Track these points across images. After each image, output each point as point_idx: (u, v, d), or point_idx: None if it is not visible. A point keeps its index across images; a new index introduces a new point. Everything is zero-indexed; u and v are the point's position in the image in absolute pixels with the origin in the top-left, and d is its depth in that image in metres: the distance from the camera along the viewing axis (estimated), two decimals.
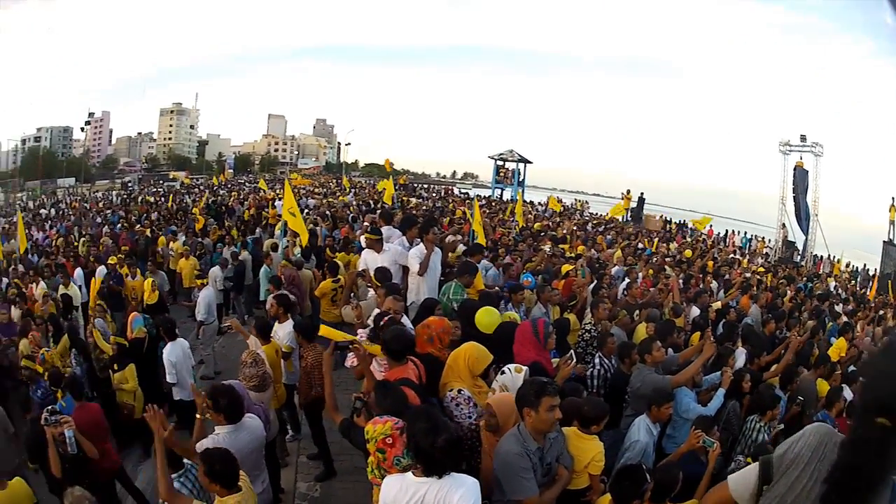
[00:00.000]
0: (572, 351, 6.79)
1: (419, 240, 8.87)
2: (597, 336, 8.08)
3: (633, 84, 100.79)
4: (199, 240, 17.43)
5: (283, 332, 7.87)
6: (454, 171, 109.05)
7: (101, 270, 13.69)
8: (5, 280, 14.57)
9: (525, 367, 5.17)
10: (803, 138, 31.64)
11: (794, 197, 32.20)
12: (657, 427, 5.86)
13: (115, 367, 8.47)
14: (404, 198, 28.02)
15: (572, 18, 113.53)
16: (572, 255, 14.53)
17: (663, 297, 11.22)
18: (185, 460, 4.96)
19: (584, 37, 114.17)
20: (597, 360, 7.22)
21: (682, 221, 35.79)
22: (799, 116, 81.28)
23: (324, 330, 6.23)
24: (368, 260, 8.92)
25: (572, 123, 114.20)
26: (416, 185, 49.70)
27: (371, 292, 8.57)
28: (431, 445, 3.42)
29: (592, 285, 10.76)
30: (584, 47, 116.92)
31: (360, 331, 6.51)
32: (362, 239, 10.41)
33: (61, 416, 5.82)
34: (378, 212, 15.01)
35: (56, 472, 5.68)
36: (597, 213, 36.36)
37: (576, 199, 44.61)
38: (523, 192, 39.00)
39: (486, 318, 6.48)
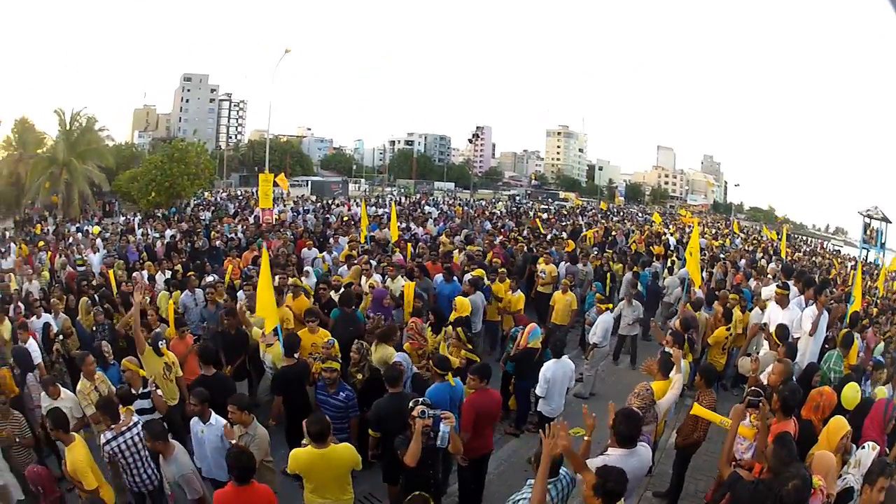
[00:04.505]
0: None
1: (812, 300, 9.04)
2: None
3: None
4: (574, 265, 16.36)
5: None
6: (827, 224, 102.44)
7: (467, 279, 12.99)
8: (373, 262, 14.51)
9: (878, 446, 5.56)
10: None
11: None
12: None
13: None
14: (788, 249, 27.49)
15: None
16: None
17: None
18: (562, 470, 5.09)
19: None
20: None
21: None
22: None
23: (697, 409, 6.51)
24: (772, 314, 9.08)
25: None
26: (795, 235, 47.79)
27: (766, 346, 8.72)
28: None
29: None
30: None
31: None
32: (764, 290, 10.82)
33: (441, 413, 5.85)
34: (780, 266, 15.09)
35: (411, 463, 5.71)
36: None
37: None
38: (884, 254, 36.85)
39: (851, 393, 6.77)
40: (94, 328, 11.17)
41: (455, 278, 13.00)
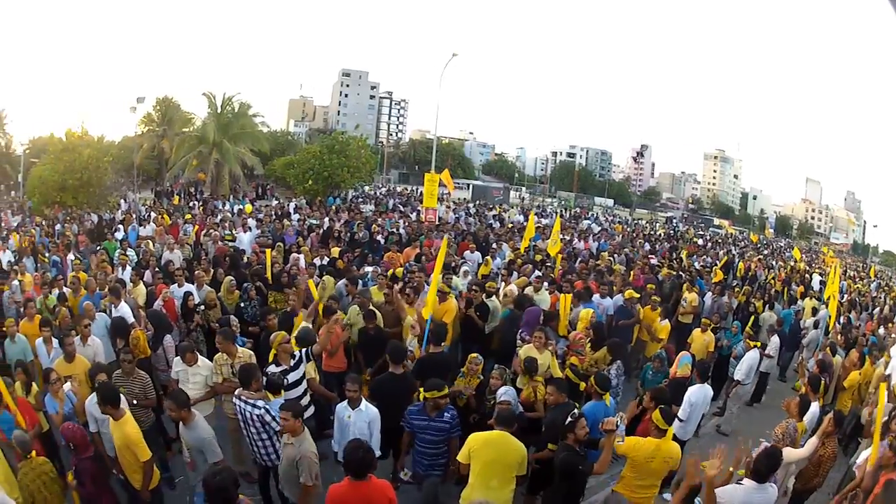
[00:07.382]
0: None
1: None
2: None
3: None
4: (721, 297, 15.34)
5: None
6: None
7: (607, 302, 12.81)
8: (536, 273, 13.86)
9: None
10: None
11: None
12: None
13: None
14: None
15: None
16: None
17: None
18: (697, 500, 5.25)
19: None
20: None
21: None
22: None
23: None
24: (894, 365, 9.37)
25: None
26: None
27: (886, 397, 8.60)
28: None
29: None
30: None
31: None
32: (893, 349, 10.90)
33: (620, 416, 6.25)
34: None
35: (603, 470, 6.05)
36: None
37: None
38: None
39: None
40: (242, 304, 11.21)
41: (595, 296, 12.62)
